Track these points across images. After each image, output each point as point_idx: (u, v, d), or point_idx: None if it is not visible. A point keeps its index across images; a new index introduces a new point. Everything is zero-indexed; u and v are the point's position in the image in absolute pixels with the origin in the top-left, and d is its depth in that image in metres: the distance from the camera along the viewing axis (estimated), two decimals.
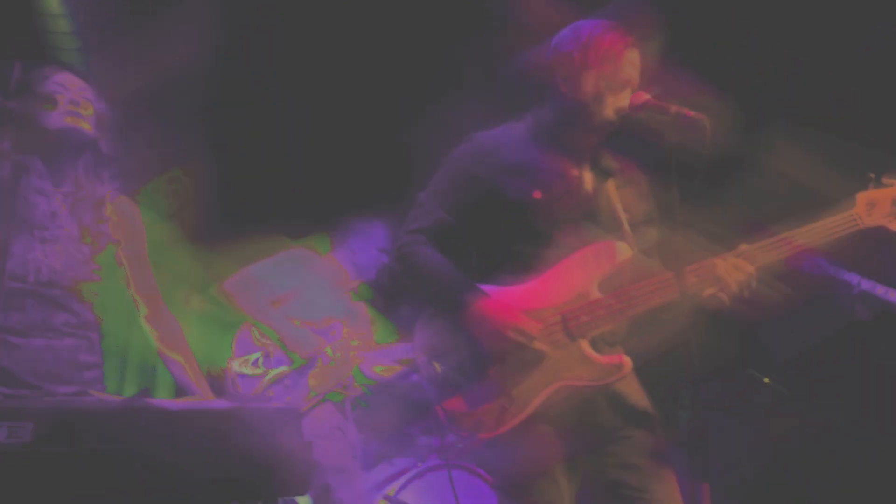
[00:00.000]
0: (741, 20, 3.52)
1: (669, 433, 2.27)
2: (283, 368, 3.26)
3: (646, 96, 1.96)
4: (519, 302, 2.00)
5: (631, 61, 2.03)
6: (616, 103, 2.01)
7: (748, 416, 4.07)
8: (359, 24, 3.85)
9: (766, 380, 3.86)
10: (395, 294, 3.50)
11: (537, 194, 2.03)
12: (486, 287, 2.02)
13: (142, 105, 2.68)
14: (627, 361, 1.98)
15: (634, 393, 2.08)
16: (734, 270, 1.92)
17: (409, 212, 2.13)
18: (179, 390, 2.23)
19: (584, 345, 1.97)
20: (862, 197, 1.92)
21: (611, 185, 2.11)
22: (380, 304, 3.58)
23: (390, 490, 3.35)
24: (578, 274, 2.01)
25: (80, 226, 2.12)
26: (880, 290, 3.17)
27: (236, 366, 3.24)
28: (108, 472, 1.57)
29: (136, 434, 1.60)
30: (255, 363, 3.26)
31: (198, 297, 3.45)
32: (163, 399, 1.91)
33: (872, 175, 1.92)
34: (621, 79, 2.01)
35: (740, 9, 3.50)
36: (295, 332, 3.28)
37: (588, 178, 2.10)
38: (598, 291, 2.00)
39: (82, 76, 2.18)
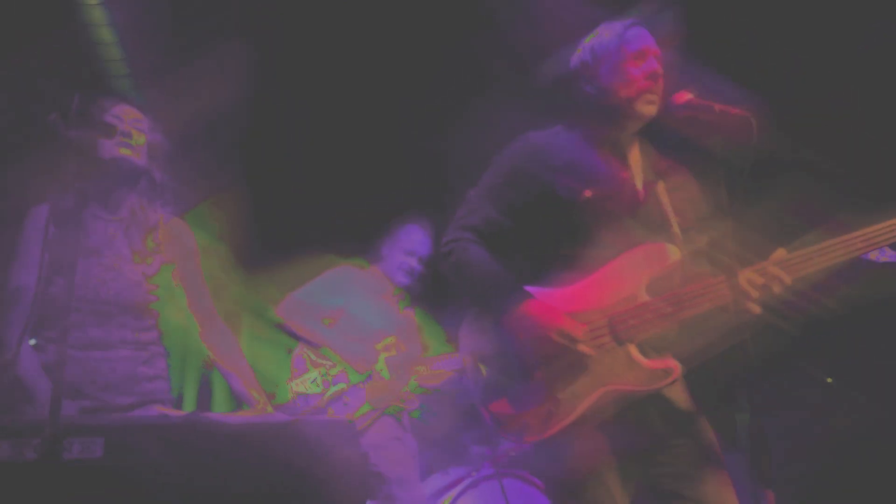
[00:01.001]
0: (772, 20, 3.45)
1: (725, 437, 2.22)
2: (341, 385, 3.30)
3: (688, 95, 1.94)
4: (566, 304, 1.98)
5: (635, 34, 2.03)
6: (642, 73, 2.00)
7: (807, 418, 3.95)
8: (385, 40, 3.90)
9: (829, 380, 3.74)
10: (424, 295, 3.50)
11: (588, 193, 2.01)
12: (533, 288, 2.01)
13: (189, 133, 2.79)
14: (676, 366, 1.94)
15: (683, 399, 2.04)
16: (769, 281, 1.87)
17: (458, 208, 2.13)
18: (238, 402, 2.29)
19: (632, 349, 1.95)
20: None
21: (661, 187, 2.09)
22: (424, 308, 3.59)
23: (445, 500, 3.35)
24: (627, 276, 1.99)
25: (133, 249, 2.23)
26: None
27: (295, 386, 3.29)
28: (172, 485, 1.62)
29: (198, 448, 1.64)
30: (314, 382, 3.30)
31: (254, 321, 3.53)
32: (221, 413, 1.96)
33: None
34: (633, 51, 2.01)
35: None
36: (350, 346, 3.32)
37: (639, 180, 2.09)
38: (646, 294, 1.97)
39: (138, 107, 2.30)
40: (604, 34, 2.07)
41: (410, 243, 3.48)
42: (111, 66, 3.57)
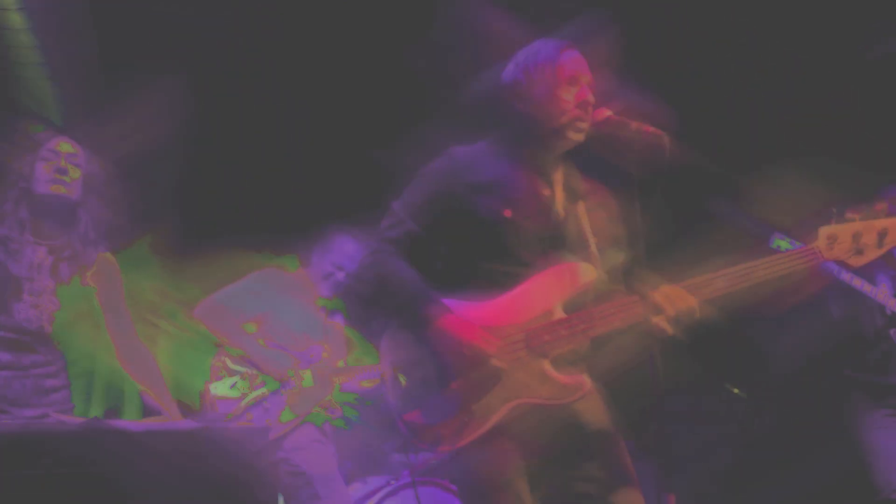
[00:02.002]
0: (696, 38, 3.60)
1: (640, 445, 2.29)
2: (262, 391, 3.25)
3: (608, 112, 2.00)
4: (484, 318, 2.02)
5: (570, 58, 2.05)
6: (573, 99, 2.03)
7: (716, 426, 4.11)
8: (327, 47, 3.88)
9: (736, 390, 3.91)
10: (357, 309, 3.49)
11: (508, 213, 2.05)
12: (452, 302, 2.04)
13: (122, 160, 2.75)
14: (587, 381, 2.01)
15: (597, 411, 2.10)
16: (677, 300, 1.93)
17: (382, 220, 2.14)
18: (148, 411, 2.31)
19: (546, 363, 2.00)
20: (824, 231, 1.92)
21: (581, 206, 2.14)
22: (354, 321, 3.56)
23: None
24: (543, 293, 2.03)
25: (57, 282, 2.31)
26: (873, 289, 3.22)
27: (214, 390, 3.22)
28: (68, 493, 1.57)
29: (97, 455, 1.60)
30: (233, 386, 3.24)
31: (171, 324, 3.44)
32: (126, 420, 1.93)
33: (835, 210, 1.94)
34: (565, 75, 2.04)
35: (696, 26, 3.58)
36: (267, 354, 3.26)
37: (559, 199, 2.13)
38: (561, 311, 2.03)
39: (75, 139, 2.39)
40: (538, 53, 2.08)
41: (341, 256, 3.45)
42: (22, 54, 3.43)
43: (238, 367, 3.26)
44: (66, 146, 2.35)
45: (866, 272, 3.27)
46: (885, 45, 3.58)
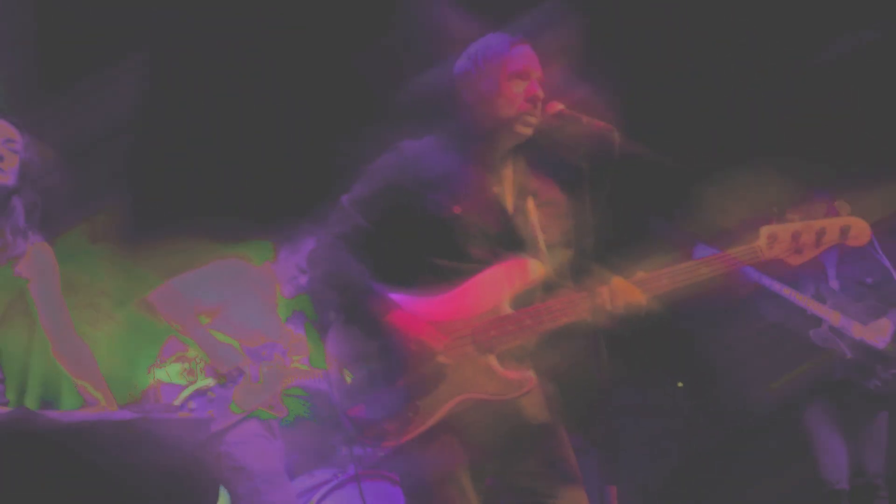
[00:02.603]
0: (648, 34, 3.65)
1: (586, 440, 2.31)
2: (209, 380, 3.19)
3: (559, 106, 2.00)
4: (431, 313, 2.02)
5: (521, 53, 2.05)
6: (523, 94, 2.02)
7: (660, 419, 4.20)
8: (280, 41, 3.82)
9: (680, 384, 4.00)
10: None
11: (457, 209, 2.04)
12: (400, 297, 2.03)
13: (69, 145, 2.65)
14: (532, 377, 2.02)
15: (539, 406, 2.12)
16: (625, 295, 1.95)
17: (330, 214, 2.13)
18: (86, 405, 2.26)
19: (492, 359, 2.01)
20: (765, 230, 1.96)
21: (530, 202, 2.14)
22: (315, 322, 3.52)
23: (310, 503, 3.30)
24: (492, 289, 2.04)
25: None
26: (793, 294, 3.35)
27: (159, 374, 3.14)
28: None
29: (25, 446, 1.54)
30: (180, 373, 3.17)
31: (121, 310, 3.34)
32: (58, 411, 1.87)
33: (776, 209, 1.98)
34: (515, 69, 2.03)
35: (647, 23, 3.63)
36: (217, 347, 3.20)
37: (508, 196, 2.13)
38: (509, 307, 2.03)
39: (15, 124, 2.27)
40: (490, 46, 2.07)
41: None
42: None
43: (189, 353, 3.19)
44: (3, 131, 2.25)
45: (790, 275, 3.39)
46: (832, 49, 3.68)
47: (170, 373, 3.15)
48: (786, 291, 3.38)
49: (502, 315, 2.01)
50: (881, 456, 3.39)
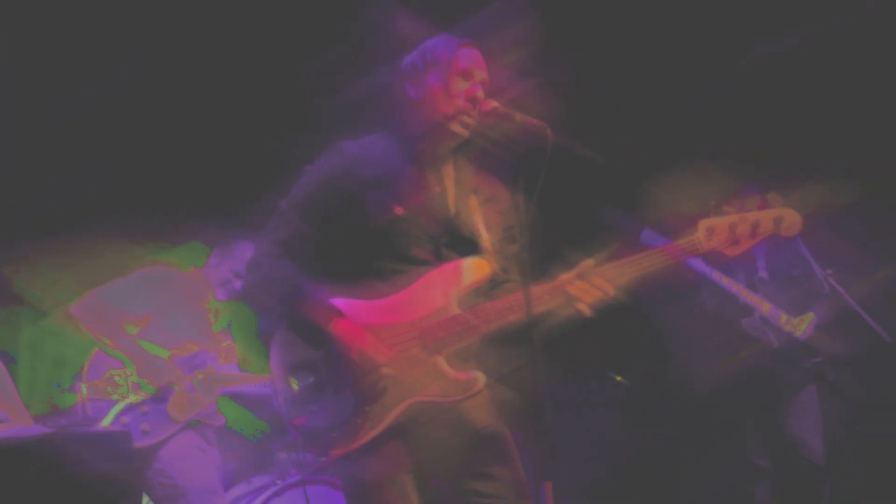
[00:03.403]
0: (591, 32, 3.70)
1: (527, 436, 2.31)
2: (141, 394, 3.09)
3: (494, 103, 2.00)
4: (377, 316, 1.99)
5: (468, 55, 2.06)
6: (465, 93, 2.02)
7: (601, 415, 4.26)
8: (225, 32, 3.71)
9: (619, 378, 4.06)
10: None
11: (399, 210, 2.02)
12: (344, 301, 2.00)
13: None
14: (481, 377, 2.01)
15: (485, 407, 2.11)
16: (593, 290, 1.96)
17: (269, 220, 2.08)
18: None
19: (440, 360, 1.98)
20: (703, 223, 2.00)
21: (473, 201, 2.13)
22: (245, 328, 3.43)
23: None
24: (438, 290, 2.02)
25: None
26: (728, 282, 3.47)
27: (86, 390, 3.01)
28: None
29: None
30: (108, 388, 3.04)
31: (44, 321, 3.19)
32: None
33: (713, 203, 2.02)
34: (461, 69, 2.04)
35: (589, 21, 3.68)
36: (148, 359, 3.10)
37: (451, 195, 2.12)
38: (456, 308, 2.01)
39: None
40: (438, 44, 2.08)
41: (242, 264, 3.31)
42: None
43: (117, 367, 3.07)
44: None
45: (725, 266, 3.51)
46: (761, 49, 3.80)
47: (97, 387, 3.03)
48: (724, 280, 3.49)
49: (450, 316, 1.99)
50: (817, 437, 3.51)
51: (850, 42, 3.79)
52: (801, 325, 3.45)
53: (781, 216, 1.99)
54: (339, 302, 2.00)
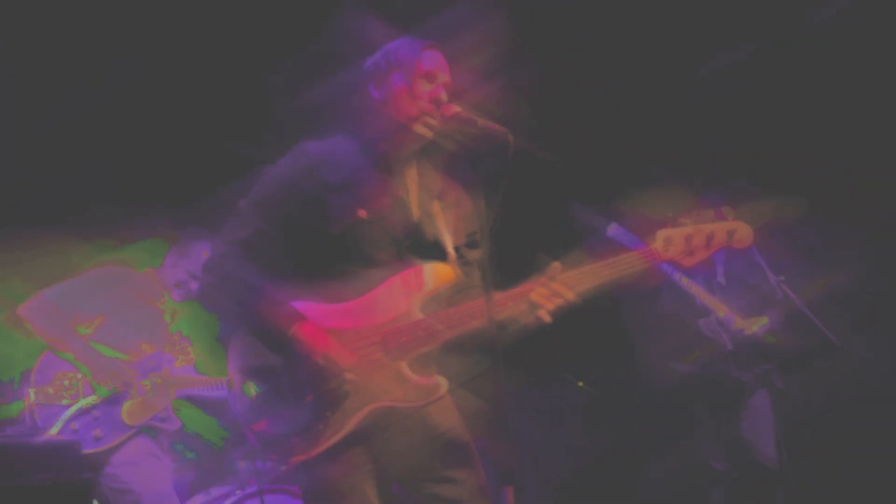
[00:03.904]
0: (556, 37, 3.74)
1: (490, 442, 2.31)
2: (92, 398, 3.00)
3: (456, 108, 2.01)
4: (340, 321, 1.97)
5: (432, 57, 2.06)
6: (428, 94, 2.02)
7: (562, 420, 4.30)
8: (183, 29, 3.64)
9: (581, 384, 4.11)
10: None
11: (362, 213, 2.01)
12: (306, 305, 1.97)
13: None
14: (443, 382, 2.00)
15: (447, 412, 2.10)
16: (554, 297, 1.97)
17: (227, 220, 2.04)
18: None
19: (403, 366, 1.97)
20: (660, 234, 2.06)
21: (436, 205, 2.12)
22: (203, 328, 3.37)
23: None
24: (401, 294, 2.01)
25: None
26: (689, 284, 3.56)
27: (34, 396, 2.91)
28: None
29: None
30: (58, 393, 2.95)
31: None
32: None
33: (670, 214, 2.07)
34: (425, 71, 2.04)
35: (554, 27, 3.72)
36: (101, 361, 3.02)
37: (414, 199, 2.11)
38: (419, 313, 2.00)
39: None
40: (402, 46, 2.08)
41: (199, 265, 3.22)
42: None
43: (68, 371, 2.99)
44: None
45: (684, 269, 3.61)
46: (715, 61, 3.89)
47: (45, 392, 2.93)
48: (684, 281, 3.58)
49: (413, 321, 1.98)
50: (769, 441, 3.60)
51: (801, 58, 3.92)
52: (753, 327, 3.55)
53: (734, 228, 2.05)
54: (299, 305, 1.97)
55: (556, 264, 1.98)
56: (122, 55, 3.52)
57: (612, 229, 3.38)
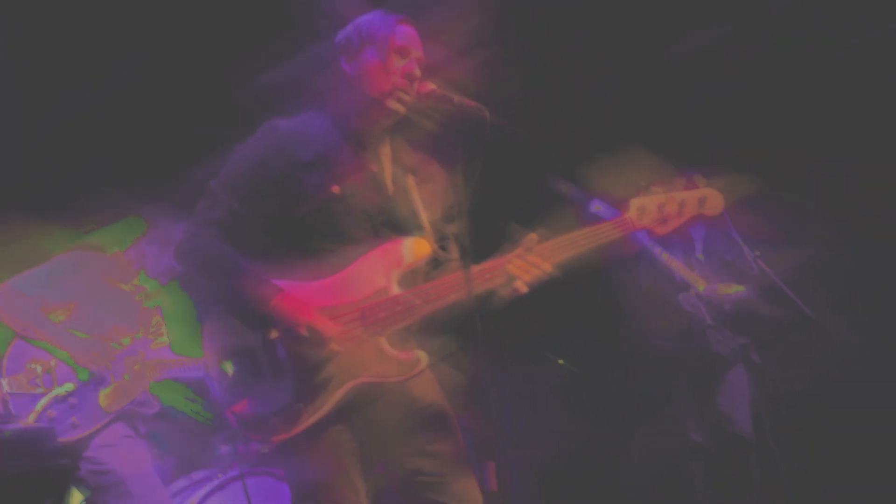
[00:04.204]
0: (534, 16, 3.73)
1: (472, 418, 2.32)
2: (67, 386, 2.96)
3: (432, 85, 2.00)
4: (317, 298, 1.96)
5: (405, 33, 2.05)
6: (402, 70, 2.01)
7: (543, 398, 4.33)
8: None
9: (560, 361, 4.14)
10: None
11: (336, 189, 1.99)
12: (282, 283, 1.95)
13: None
14: (423, 356, 2.00)
15: (429, 387, 2.10)
16: (531, 268, 1.98)
17: (199, 201, 2.02)
18: None
19: (382, 341, 1.97)
20: (634, 202, 2.08)
21: (411, 180, 2.11)
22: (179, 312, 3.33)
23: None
24: (377, 270, 2.00)
25: None
26: (668, 258, 3.59)
27: (6, 386, 2.87)
28: None
29: None
30: (32, 382, 2.91)
31: None
32: None
33: (643, 183, 2.09)
34: (398, 46, 2.02)
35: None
36: (81, 343, 2.99)
37: (388, 174, 2.10)
38: (397, 288, 2.00)
39: None
40: (375, 20, 2.06)
41: (167, 241, 3.23)
42: None
43: (40, 358, 2.95)
44: None
45: (665, 245, 3.64)
46: (685, 43, 3.92)
47: (19, 381, 2.90)
48: (663, 256, 3.61)
49: (391, 296, 1.98)
50: (745, 414, 3.65)
51: (776, 36, 3.95)
52: (728, 290, 3.60)
53: (705, 196, 2.08)
54: (277, 283, 1.95)
55: (533, 235, 1.99)
56: (86, 35, 3.44)
57: (595, 205, 3.41)
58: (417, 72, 2.01)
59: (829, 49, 3.89)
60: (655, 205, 2.06)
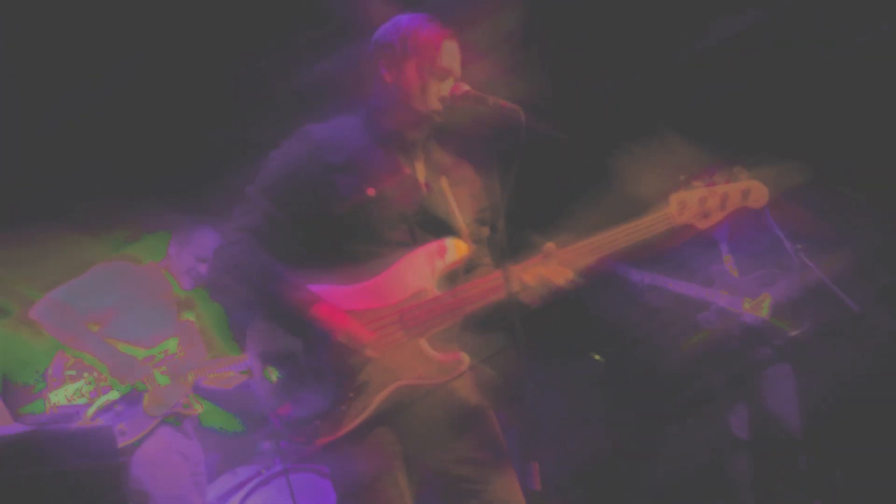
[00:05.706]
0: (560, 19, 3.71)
1: (511, 417, 2.32)
2: (112, 395, 3.04)
3: (466, 87, 1.99)
4: (356, 302, 1.97)
5: (450, 51, 2.03)
6: (439, 92, 2.01)
7: (581, 394, 4.30)
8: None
9: (598, 357, 4.09)
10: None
11: (371, 191, 2.00)
12: (321, 287, 1.97)
13: None
14: (465, 358, 2.00)
15: (469, 389, 2.10)
16: (562, 271, 1.96)
17: (235, 207, 2.04)
18: None
19: (423, 343, 1.97)
20: (674, 197, 2.03)
21: (444, 182, 2.11)
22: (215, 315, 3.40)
23: (233, 502, 3.19)
24: (415, 272, 2.00)
25: None
26: (669, 283, 3.51)
27: (55, 397, 2.95)
28: None
29: None
30: (77, 391, 2.99)
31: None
32: None
33: (682, 177, 2.05)
34: (442, 67, 2.01)
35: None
36: (117, 357, 3.05)
37: (422, 176, 2.10)
38: (436, 289, 2.00)
39: None
40: (422, 32, 2.03)
41: (203, 249, 3.29)
42: None
43: (85, 369, 3.02)
44: None
45: (680, 262, 3.56)
46: (727, 28, 3.84)
47: (66, 392, 2.97)
48: (669, 284, 3.54)
49: (430, 298, 1.98)
50: (793, 412, 3.58)
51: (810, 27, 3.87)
52: (763, 305, 3.51)
53: (749, 188, 2.03)
54: (314, 288, 1.97)
55: (550, 244, 1.95)
56: (117, 43, 3.48)
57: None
58: (458, 92, 1.99)
59: (886, 35, 3.78)
60: (697, 199, 2.02)
